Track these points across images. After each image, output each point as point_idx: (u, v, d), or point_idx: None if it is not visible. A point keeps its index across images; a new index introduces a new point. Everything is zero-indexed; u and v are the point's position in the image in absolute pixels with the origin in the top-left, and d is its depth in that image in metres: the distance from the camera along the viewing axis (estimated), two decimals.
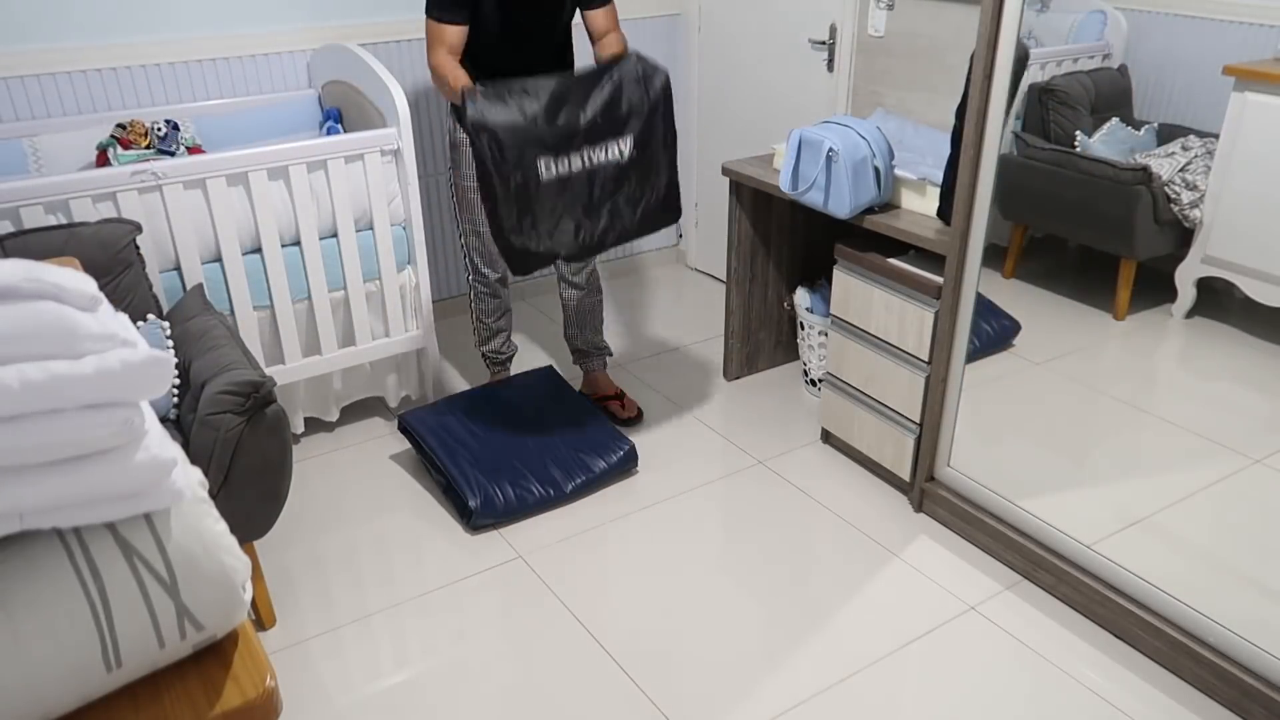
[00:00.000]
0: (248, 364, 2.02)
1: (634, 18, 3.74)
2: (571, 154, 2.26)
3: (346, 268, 2.74)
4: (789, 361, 3.40)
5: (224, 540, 0.90)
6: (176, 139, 2.77)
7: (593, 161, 2.28)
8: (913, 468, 2.57)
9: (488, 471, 2.58)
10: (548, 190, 2.24)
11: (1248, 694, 1.92)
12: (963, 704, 2.00)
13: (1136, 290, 2.25)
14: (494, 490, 2.53)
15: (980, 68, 2.10)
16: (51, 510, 0.81)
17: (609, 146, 2.30)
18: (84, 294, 0.83)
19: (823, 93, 3.31)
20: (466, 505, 2.49)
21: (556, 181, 2.24)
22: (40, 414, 0.78)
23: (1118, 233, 2.24)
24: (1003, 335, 2.46)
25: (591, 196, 2.30)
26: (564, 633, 2.21)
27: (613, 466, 2.68)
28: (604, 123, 2.28)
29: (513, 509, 2.53)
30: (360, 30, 3.21)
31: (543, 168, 2.21)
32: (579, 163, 2.26)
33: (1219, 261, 2.05)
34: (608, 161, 2.29)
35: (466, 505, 2.49)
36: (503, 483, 2.55)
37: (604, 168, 2.29)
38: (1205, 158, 2.01)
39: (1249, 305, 2.03)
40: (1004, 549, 2.38)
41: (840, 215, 2.52)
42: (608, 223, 2.35)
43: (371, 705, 2.02)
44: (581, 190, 2.29)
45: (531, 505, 2.56)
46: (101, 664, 0.83)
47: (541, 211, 2.25)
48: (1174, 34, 2.03)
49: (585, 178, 2.29)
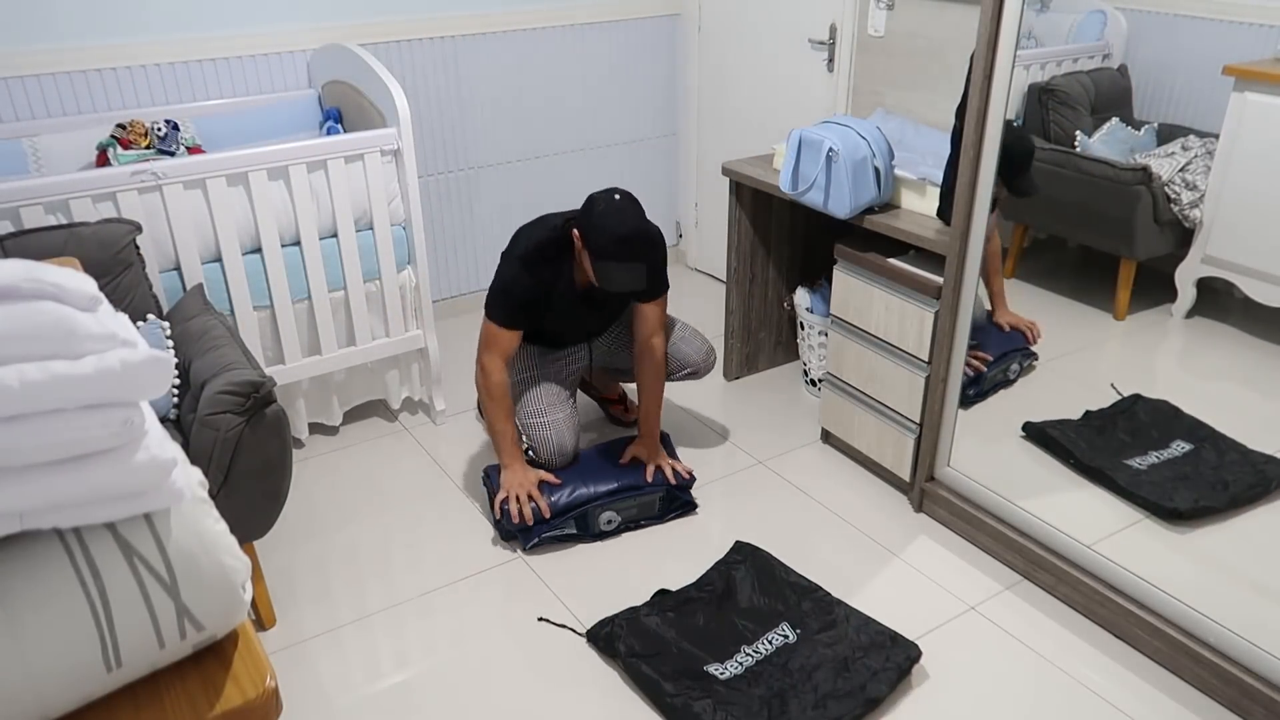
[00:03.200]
0: (248, 364, 2.02)
1: (634, 18, 3.75)
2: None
3: (346, 268, 2.74)
4: (789, 361, 3.40)
5: (224, 540, 0.90)
6: (176, 139, 2.76)
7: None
8: (913, 468, 2.57)
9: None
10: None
11: (1248, 694, 1.92)
12: (962, 704, 2.00)
13: (1136, 290, 2.25)
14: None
15: (980, 68, 2.10)
16: (51, 510, 0.81)
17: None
18: (84, 294, 0.82)
19: (823, 93, 3.31)
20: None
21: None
22: (40, 414, 0.78)
23: (1118, 233, 2.24)
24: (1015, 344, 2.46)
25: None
26: (564, 632, 2.21)
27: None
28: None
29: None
30: (360, 30, 3.21)
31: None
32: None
33: (1219, 261, 2.04)
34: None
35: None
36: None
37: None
38: (1205, 158, 2.01)
39: (1249, 305, 2.03)
40: (1004, 549, 2.38)
41: (840, 215, 2.52)
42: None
43: (371, 705, 2.02)
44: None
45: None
46: (101, 664, 0.83)
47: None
48: (1174, 34, 2.03)
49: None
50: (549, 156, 3.79)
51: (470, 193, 3.66)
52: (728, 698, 1.95)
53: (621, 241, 2.29)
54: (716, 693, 1.96)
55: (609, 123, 3.88)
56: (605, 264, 2.31)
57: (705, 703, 1.92)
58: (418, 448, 2.92)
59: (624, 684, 2.06)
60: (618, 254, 2.30)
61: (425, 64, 3.38)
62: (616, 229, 2.29)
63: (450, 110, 3.49)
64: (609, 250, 2.29)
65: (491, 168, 3.67)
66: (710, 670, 2.03)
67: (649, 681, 2.00)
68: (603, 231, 2.29)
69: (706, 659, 2.06)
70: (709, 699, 1.93)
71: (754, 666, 2.04)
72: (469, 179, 3.64)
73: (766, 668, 2.04)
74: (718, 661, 2.06)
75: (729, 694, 1.96)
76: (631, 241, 2.30)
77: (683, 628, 2.14)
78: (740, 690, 1.98)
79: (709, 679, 2.00)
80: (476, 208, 3.70)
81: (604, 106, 3.83)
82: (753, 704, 1.94)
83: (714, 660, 2.06)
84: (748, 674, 2.02)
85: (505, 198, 3.75)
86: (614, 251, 2.29)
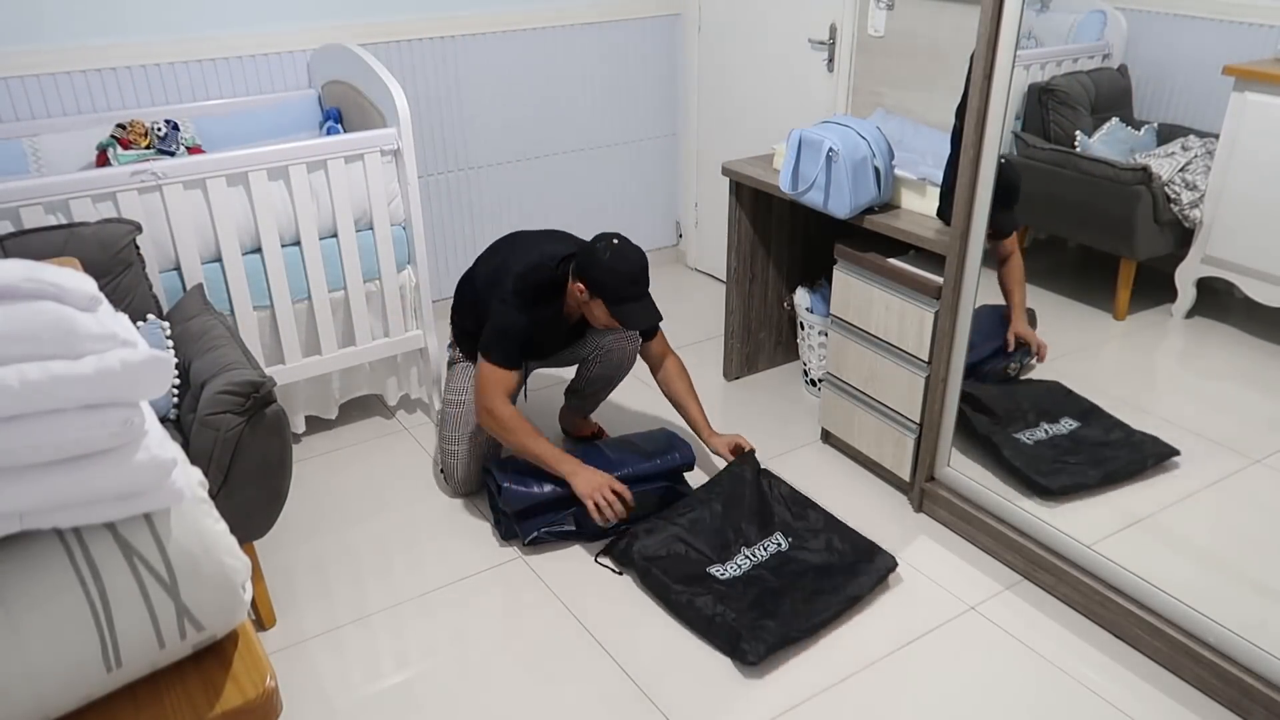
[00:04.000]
0: (248, 364, 2.02)
1: (634, 18, 3.75)
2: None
3: (346, 268, 2.74)
4: (789, 361, 3.40)
5: (224, 540, 0.90)
6: (176, 139, 2.77)
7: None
8: (913, 468, 2.57)
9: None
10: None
11: (1248, 694, 1.92)
12: (962, 704, 2.00)
13: (1136, 290, 2.25)
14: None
15: (980, 68, 2.10)
16: (51, 510, 0.81)
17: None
18: (84, 294, 0.82)
19: (823, 93, 3.31)
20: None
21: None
22: (40, 414, 0.78)
23: (1118, 233, 2.24)
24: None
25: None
26: (564, 633, 2.21)
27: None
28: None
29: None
30: (360, 30, 3.22)
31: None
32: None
33: (1219, 261, 2.05)
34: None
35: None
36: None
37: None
38: (1205, 158, 2.01)
39: (1249, 305, 2.03)
40: (1004, 549, 2.38)
41: (840, 215, 2.52)
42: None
43: (371, 705, 2.02)
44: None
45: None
46: (101, 664, 0.83)
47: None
48: (1174, 34, 2.03)
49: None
50: (549, 156, 3.79)
51: (470, 193, 3.66)
52: (726, 594, 2.21)
53: (635, 281, 2.39)
54: (716, 590, 2.22)
55: (609, 123, 3.88)
56: (624, 306, 2.39)
57: (706, 599, 2.17)
58: (417, 447, 2.93)
59: (624, 683, 2.06)
60: (634, 294, 2.39)
61: (425, 64, 3.38)
62: (629, 269, 2.37)
63: (450, 110, 3.49)
64: (627, 293, 2.38)
65: (491, 168, 3.67)
66: (712, 571, 2.29)
67: (659, 584, 2.25)
68: (617, 275, 2.36)
69: (710, 560, 2.33)
70: (709, 595, 2.19)
71: (750, 570, 2.30)
72: (469, 179, 3.64)
73: (761, 571, 2.30)
74: (719, 563, 2.32)
75: (728, 591, 2.22)
76: (641, 278, 2.40)
77: (691, 527, 2.39)
78: (736, 590, 2.24)
79: (710, 579, 2.27)
80: (476, 208, 3.70)
81: (604, 106, 3.83)
82: (746, 600, 2.20)
83: (716, 561, 2.33)
84: (745, 576, 2.29)
85: (505, 198, 3.75)
86: (631, 292, 2.39)
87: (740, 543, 2.38)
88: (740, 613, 2.15)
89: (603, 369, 2.73)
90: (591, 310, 2.44)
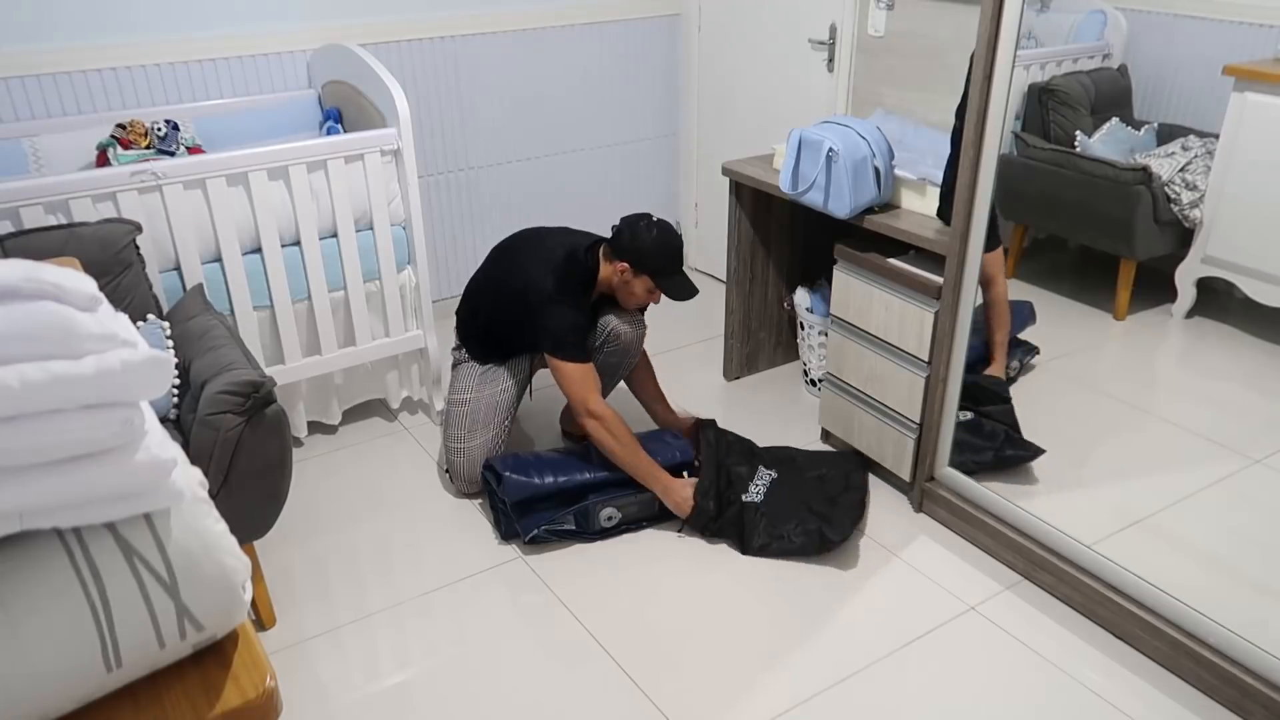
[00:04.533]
0: (248, 364, 2.02)
1: (634, 18, 3.75)
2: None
3: (346, 268, 2.74)
4: (789, 361, 3.40)
5: (224, 540, 0.90)
6: (176, 139, 2.77)
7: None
8: (913, 468, 2.57)
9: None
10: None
11: (1248, 694, 1.92)
12: (962, 704, 2.00)
13: (1136, 290, 2.25)
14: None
15: (980, 68, 2.10)
16: (51, 510, 0.81)
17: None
18: (84, 294, 0.82)
19: (823, 93, 3.31)
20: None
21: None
22: (40, 414, 0.78)
23: (1118, 233, 2.24)
24: (1021, 319, 2.45)
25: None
26: (564, 632, 2.21)
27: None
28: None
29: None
30: (360, 30, 3.21)
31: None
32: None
33: (1219, 261, 2.05)
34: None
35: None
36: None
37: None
38: (1205, 158, 2.01)
39: (1249, 305, 2.03)
40: (1004, 549, 2.38)
41: (840, 215, 2.52)
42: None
43: (371, 705, 2.02)
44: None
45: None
46: (101, 664, 0.83)
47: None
48: (1174, 34, 2.03)
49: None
50: (549, 156, 3.79)
51: (470, 193, 3.66)
52: (766, 509, 2.49)
53: (679, 253, 2.51)
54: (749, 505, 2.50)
55: (609, 123, 3.88)
56: (671, 279, 2.50)
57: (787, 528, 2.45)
58: (418, 448, 2.93)
59: (624, 682, 2.06)
60: (678, 266, 2.51)
61: (425, 64, 3.38)
62: (675, 243, 2.51)
63: (450, 110, 3.49)
64: (672, 266, 2.50)
65: (491, 168, 3.67)
66: (746, 499, 2.54)
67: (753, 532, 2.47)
68: (663, 250, 2.47)
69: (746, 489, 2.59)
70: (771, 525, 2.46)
71: (762, 503, 2.53)
72: (469, 179, 3.64)
73: (772, 496, 2.56)
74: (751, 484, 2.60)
75: (765, 504, 2.50)
76: (680, 252, 2.53)
77: (709, 490, 2.52)
78: (771, 500, 2.53)
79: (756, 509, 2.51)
80: (476, 208, 3.70)
81: (604, 106, 3.83)
82: (786, 508, 2.50)
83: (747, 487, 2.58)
84: (768, 494, 2.56)
85: (505, 198, 3.75)
86: (675, 266, 2.50)
87: (745, 480, 2.59)
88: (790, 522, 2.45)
89: (611, 357, 2.72)
90: (631, 289, 2.52)
